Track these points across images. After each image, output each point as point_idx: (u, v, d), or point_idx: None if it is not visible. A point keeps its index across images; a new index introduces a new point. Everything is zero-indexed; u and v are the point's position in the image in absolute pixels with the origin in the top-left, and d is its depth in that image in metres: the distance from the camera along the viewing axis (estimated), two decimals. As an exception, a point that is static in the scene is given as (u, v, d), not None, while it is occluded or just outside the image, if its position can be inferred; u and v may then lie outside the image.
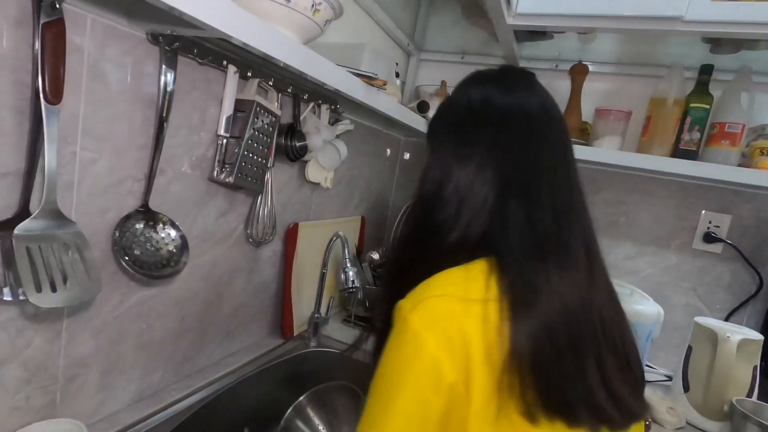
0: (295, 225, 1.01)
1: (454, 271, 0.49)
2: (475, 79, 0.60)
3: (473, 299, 0.45)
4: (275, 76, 0.81)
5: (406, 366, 0.44)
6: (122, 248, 0.60)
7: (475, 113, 0.56)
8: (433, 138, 0.60)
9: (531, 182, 0.53)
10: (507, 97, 0.56)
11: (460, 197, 0.53)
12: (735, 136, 1.07)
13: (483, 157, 0.53)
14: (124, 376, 0.70)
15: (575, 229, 0.51)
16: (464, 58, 1.50)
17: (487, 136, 0.54)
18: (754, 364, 0.94)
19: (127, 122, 0.61)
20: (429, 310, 0.45)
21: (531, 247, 0.49)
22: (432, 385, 0.43)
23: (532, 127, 0.55)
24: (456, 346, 0.43)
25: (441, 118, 0.60)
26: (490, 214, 0.51)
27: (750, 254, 1.20)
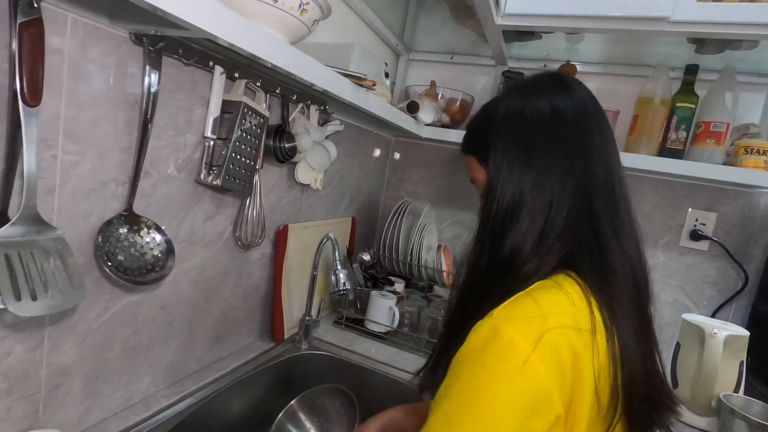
0: (284, 227, 1.00)
1: (554, 293, 0.46)
2: (530, 87, 0.56)
3: (584, 330, 0.44)
4: (263, 77, 0.80)
5: (516, 394, 0.41)
6: (105, 254, 0.58)
7: (546, 124, 0.52)
8: (495, 151, 0.54)
9: (612, 193, 0.51)
10: (572, 102, 0.53)
11: (542, 220, 0.50)
12: (720, 134, 1.09)
13: (561, 173, 0.50)
14: (110, 384, 0.68)
15: (638, 243, 0.53)
16: (453, 59, 1.50)
17: (563, 149, 0.51)
18: (741, 359, 0.96)
19: (111, 124, 0.59)
20: (547, 342, 0.42)
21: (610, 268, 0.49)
22: (542, 416, 0.41)
23: (599, 130, 0.53)
24: (566, 380, 0.42)
25: (502, 129, 0.55)
26: (572, 234, 0.49)
27: (735, 251, 1.22)
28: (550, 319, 0.43)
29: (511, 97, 0.57)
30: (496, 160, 0.54)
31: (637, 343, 0.47)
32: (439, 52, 1.52)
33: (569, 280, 0.48)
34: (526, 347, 0.41)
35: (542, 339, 0.42)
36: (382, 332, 1.18)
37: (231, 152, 0.73)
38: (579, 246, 0.50)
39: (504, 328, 0.43)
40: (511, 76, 1.30)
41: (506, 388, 0.41)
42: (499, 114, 0.56)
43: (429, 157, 1.57)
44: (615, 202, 0.51)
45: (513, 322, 0.43)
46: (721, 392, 0.92)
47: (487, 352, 0.43)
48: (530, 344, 0.41)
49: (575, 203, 0.50)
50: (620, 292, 0.48)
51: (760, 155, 1.04)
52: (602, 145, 0.52)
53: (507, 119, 0.55)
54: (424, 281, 1.39)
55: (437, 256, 1.40)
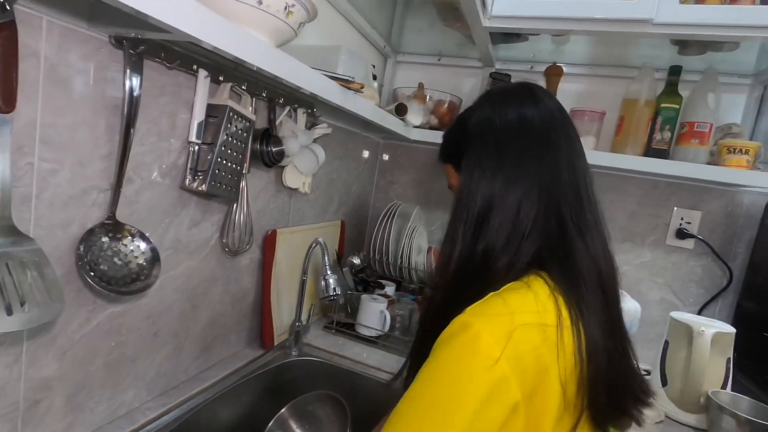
0: (273, 232, 0.98)
1: (522, 293, 0.49)
2: (499, 98, 0.60)
3: (550, 326, 0.47)
4: (249, 80, 0.79)
5: (475, 384, 0.43)
6: (87, 264, 0.56)
7: (514, 133, 0.56)
8: (467, 160, 0.58)
9: (578, 195, 0.54)
10: (539, 112, 0.56)
11: (510, 222, 0.52)
12: (704, 134, 1.10)
13: (529, 180, 0.53)
14: (93, 398, 0.66)
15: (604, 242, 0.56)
16: (441, 60, 1.50)
17: (532, 157, 0.54)
18: (728, 356, 0.97)
19: (90, 130, 0.57)
20: (511, 339, 0.44)
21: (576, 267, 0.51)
22: (498, 404, 0.43)
23: (565, 139, 0.56)
24: (528, 374, 0.44)
25: (473, 139, 0.58)
26: (539, 237, 0.52)
27: (720, 249, 1.24)
28: (516, 317, 0.46)
29: (482, 107, 0.60)
30: (468, 167, 0.57)
31: (603, 338, 0.49)
32: (426, 54, 1.51)
33: (539, 281, 0.51)
34: (490, 341, 0.44)
35: (507, 335, 0.44)
36: (373, 336, 1.17)
37: (216, 157, 0.72)
38: (547, 246, 0.52)
39: (472, 323, 0.46)
40: (499, 77, 1.31)
41: (466, 375, 0.43)
42: (470, 123, 0.60)
43: (418, 159, 1.56)
44: (580, 205, 0.54)
45: (482, 319, 0.46)
46: (710, 389, 0.93)
47: (454, 342, 0.46)
48: (494, 339, 0.44)
49: (542, 206, 0.53)
50: (586, 289, 0.51)
51: (743, 154, 1.06)
52: (568, 151, 0.56)
53: (478, 128, 0.58)
54: (415, 284, 1.39)
55: (427, 259, 1.40)
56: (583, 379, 0.47)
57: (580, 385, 0.47)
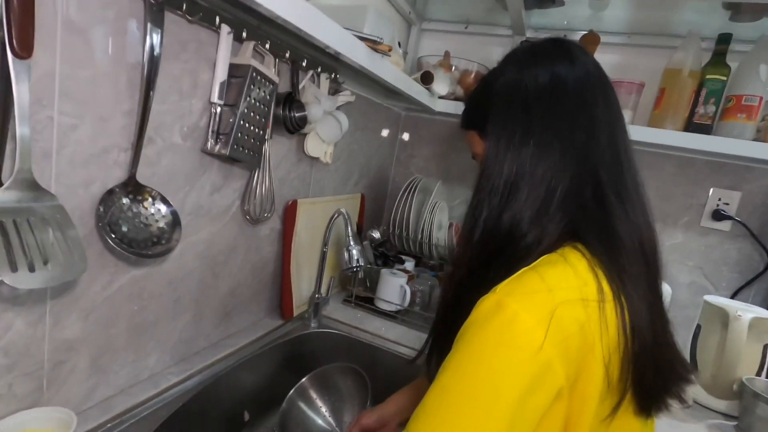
0: (294, 202, 0.96)
1: (560, 267, 0.45)
2: (529, 57, 0.53)
3: (592, 301, 0.43)
4: (272, 40, 0.75)
5: (517, 370, 0.39)
6: (108, 224, 0.55)
7: (546, 96, 0.50)
8: (493, 126, 0.52)
9: (617, 160, 0.50)
10: (575, 71, 0.50)
11: (542, 191, 0.48)
12: (752, 109, 1.03)
13: (563, 145, 0.49)
14: (117, 360, 0.66)
15: (645, 211, 0.51)
16: (468, 28, 1.43)
17: (565, 120, 0.49)
18: (765, 342, 0.93)
19: (111, 85, 0.55)
20: (553, 318, 0.40)
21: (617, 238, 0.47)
22: (543, 391, 0.40)
23: (604, 100, 0.51)
24: (572, 356, 0.41)
25: (499, 103, 0.53)
26: (573, 206, 0.48)
27: (758, 232, 1.17)
28: (556, 294, 0.42)
29: (509, 67, 0.54)
30: (494, 134, 0.52)
31: (648, 312, 0.46)
32: (452, 21, 1.44)
33: (576, 253, 0.46)
34: (530, 322, 0.40)
35: (548, 314, 0.40)
36: (392, 311, 1.15)
37: (239, 119, 0.69)
38: (583, 215, 0.48)
39: (507, 303, 0.41)
40: (530, 46, 1.24)
41: (506, 364, 0.39)
42: (497, 85, 0.54)
43: (440, 132, 1.51)
44: (620, 171, 0.50)
45: (517, 297, 0.42)
46: (744, 376, 0.90)
47: (488, 326, 0.41)
48: (535, 320, 0.40)
49: (577, 172, 0.48)
50: (627, 260, 0.47)
51: (794, 131, 0.99)
52: (606, 112, 0.51)
53: (505, 91, 0.53)
54: (435, 260, 1.36)
55: (448, 235, 1.36)
56: (628, 357, 0.44)
57: (624, 364, 0.44)
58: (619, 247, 0.47)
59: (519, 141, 0.50)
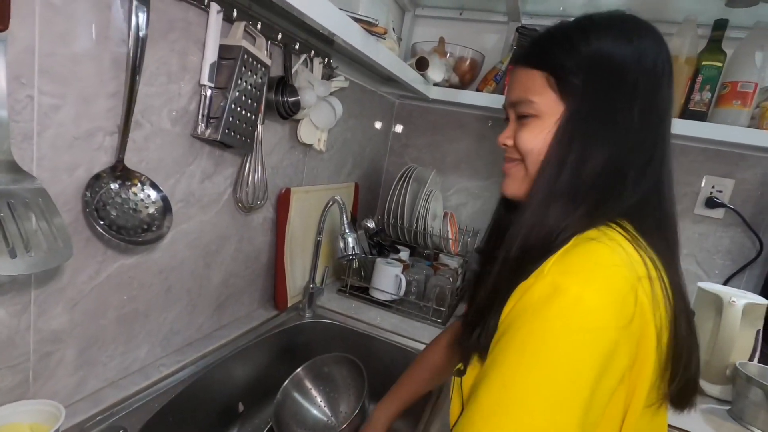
0: (287, 190, 0.94)
1: (606, 243, 0.42)
2: (630, 28, 0.48)
3: (644, 277, 0.41)
4: (263, 21, 0.72)
5: (588, 354, 0.37)
6: (95, 210, 0.52)
7: (651, 77, 0.47)
8: (583, 96, 0.47)
9: (670, 152, 0.50)
10: (664, 53, 0.48)
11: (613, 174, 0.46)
12: (747, 95, 1.03)
13: (654, 130, 0.47)
14: (106, 352, 0.64)
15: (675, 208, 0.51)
16: (462, 14, 1.41)
17: (664, 104, 0.48)
18: (757, 328, 0.94)
19: (95, 63, 0.52)
20: (614, 295, 0.38)
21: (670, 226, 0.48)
22: (611, 375, 0.38)
23: (671, 87, 0.49)
24: (634, 334, 0.39)
25: (593, 72, 0.47)
26: (641, 189, 0.47)
27: (751, 219, 1.18)
28: (615, 271, 0.39)
29: (610, 33, 0.48)
30: (588, 101, 0.47)
31: (683, 297, 0.45)
32: (447, 8, 1.42)
33: (612, 230, 0.44)
34: (595, 301, 0.37)
35: (611, 292, 0.38)
36: (387, 300, 1.14)
37: (230, 103, 0.66)
38: (642, 205, 0.47)
39: (566, 284, 0.38)
40: (526, 32, 1.22)
41: (577, 348, 0.37)
42: (596, 47, 0.47)
43: (435, 121, 1.50)
44: (670, 161, 0.50)
45: (575, 277, 0.39)
46: (737, 360, 0.90)
47: (548, 311, 0.38)
48: (599, 298, 0.37)
49: (649, 164, 0.47)
50: (670, 244, 0.48)
51: (789, 117, 0.99)
52: (671, 103, 0.49)
53: (609, 58, 0.47)
54: (430, 249, 1.35)
55: (443, 224, 1.35)
56: (676, 341, 0.42)
57: (672, 348, 0.42)
58: (670, 237, 0.48)
59: (620, 117, 0.46)
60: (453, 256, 1.35)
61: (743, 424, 0.85)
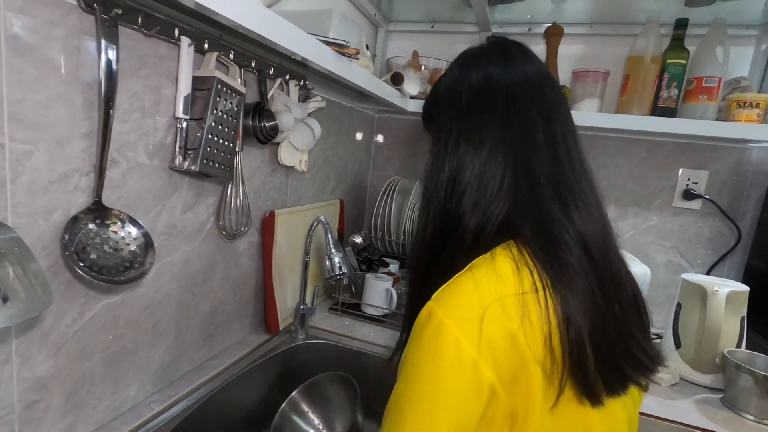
0: (271, 213, 0.94)
1: (485, 264, 0.46)
2: (470, 58, 0.57)
3: (509, 294, 0.44)
4: (236, 50, 0.73)
5: (446, 374, 0.42)
6: (75, 253, 0.52)
7: (479, 95, 0.53)
8: (436, 126, 0.56)
9: (554, 154, 0.51)
10: (508, 72, 0.53)
11: (476, 184, 0.50)
12: (712, 90, 1.06)
13: (494, 141, 0.51)
14: (94, 394, 0.62)
15: (592, 203, 0.51)
16: (434, 27, 1.44)
17: (496, 118, 0.52)
18: (742, 315, 0.96)
19: (66, 106, 0.52)
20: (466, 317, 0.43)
21: (552, 228, 0.48)
22: (473, 389, 0.42)
23: (539, 98, 0.53)
24: (499, 349, 0.42)
25: (440, 104, 0.56)
26: (508, 198, 0.50)
27: (728, 208, 1.22)
28: (480, 297, 0.43)
29: (452, 70, 0.57)
30: (435, 132, 0.56)
31: (589, 299, 0.45)
32: (419, 21, 1.44)
33: (504, 251, 0.48)
34: (453, 330, 0.42)
35: (471, 319, 0.42)
36: (380, 315, 1.14)
37: (207, 133, 0.66)
38: (518, 207, 0.49)
39: (435, 311, 0.44)
40: (497, 41, 1.25)
41: (438, 371, 0.42)
42: (440, 88, 0.58)
43: (415, 132, 1.51)
44: (558, 164, 0.50)
45: (444, 306, 0.44)
46: (725, 349, 0.92)
47: (423, 334, 0.44)
48: (457, 327, 0.42)
49: (509, 166, 0.50)
50: (564, 250, 0.46)
51: (753, 108, 1.03)
52: (542, 109, 0.52)
53: (445, 91, 0.56)
54: (419, 260, 1.36)
55: (430, 234, 1.36)
56: (562, 346, 0.43)
57: (557, 353, 0.43)
58: (554, 240, 0.47)
59: (455, 137, 0.52)
60: (442, 264, 1.35)
61: (736, 411, 0.87)
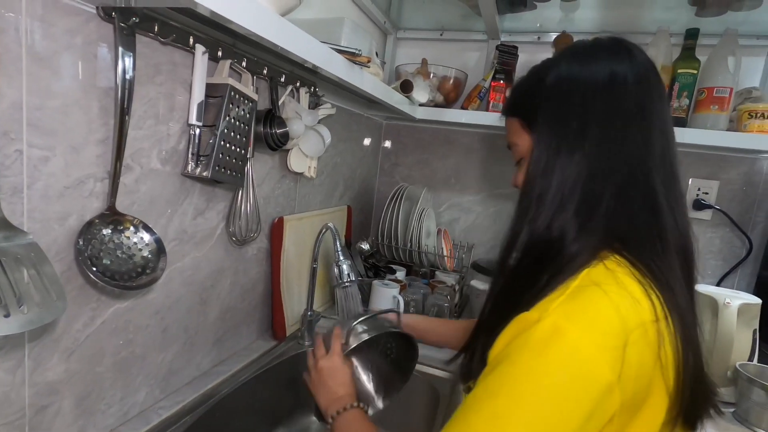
0: (280, 219, 0.94)
1: (613, 287, 0.42)
2: (590, 50, 0.51)
3: (649, 321, 0.42)
4: (248, 57, 0.73)
5: (581, 401, 0.38)
6: (88, 258, 0.52)
7: (607, 91, 0.47)
8: (548, 120, 0.50)
9: (671, 167, 0.48)
10: (634, 67, 0.48)
11: (593, 195, 0.46)
12: (723, 100, 1.06)
13: (617, 145, 0.47)
14: (104, 399, 0.63)
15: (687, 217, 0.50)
16: (443, 35, 1.44)
17: (622, 119, 0.47)
18: (754, 327, 0.94)
19: (83, 113, 0.53)
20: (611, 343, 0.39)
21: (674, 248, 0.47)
22: (600, 413, 0.39)
23: (662, 99, 0.49)
24: (633, 375, 0.40)
25: (557, 95, 0.50)
26: (627, 211, 0.46)
27: (738, 218, 1.20)
28: (613, 322, 0.40)
29: (567, 61, 0.51)
30: (545, 130, 0.50)
31: (693, 321, 0.46)
32: (428, 29, 1.45)
33: (620, 267, 0.44)
34: (593, 351, 0.38)
35: (610, 341, 0.39)
36: (387, 323, 1.13)
37: (219, 140, 0.67)
38: (632, 222, 0.46)
39: (567, 328, 0.39)
40: (506, 50, 1.25)
41: (571, 393, 0.38)
42: (551, 79, 0.51)
43: (423, 139, 1.51)
44: (671, 178, 0.49)
45: (575, 324, 0.39)
46: (737, 362, 0.91)
47: (548, 352, 0.39)
48: (598, 348, 0.38)
49: (629, 176, 0.46)
50: (677, 272, 0.46)
51: (765, 119, 1.02)
52: (661, 116, 0.49)
53: (560, 85, 0.50)
54: (426, 267, 1.35)
55: (437, 241, 1.36)
56: (685, 370, 0.43)
57: (680, 377, 0.43)
58: (671, 260, 0.46)
59: (573, 138, 0.47)
60: (449, 272, 1.35)
61: (749, 425, 0.85)
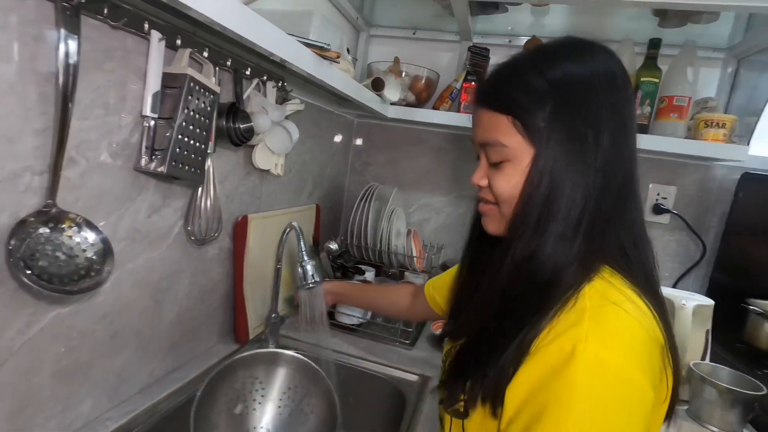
0: (243, 218, 0.90)
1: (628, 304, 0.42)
2: (586, 48, 0.47)
3: (657, 330, 0.43)
4: (210, 47, 0.70)
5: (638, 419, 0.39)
6: (21, 260, 0.47)
7: (605, 89, 0.44)
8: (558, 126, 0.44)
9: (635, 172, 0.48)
10: (619, 65, 0.47)
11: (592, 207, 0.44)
12: (682, 109, 1.10)
13: (631, 148, 0.46)
14: (43, 413, 0.57)
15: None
16: (416, 34, 1.43)
17: (631, 122, 0.46)
18: (707, 328, 0.98)
19: (18, 100, 0.48)
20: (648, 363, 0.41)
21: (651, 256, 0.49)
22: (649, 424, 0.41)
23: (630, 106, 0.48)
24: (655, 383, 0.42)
25: (567, 94, 0.44)
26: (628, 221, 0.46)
27: (693, 223, 1.26)
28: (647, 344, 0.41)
29: (554, 65, 0.45)
30: (555, 138, 0.44)
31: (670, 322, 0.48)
32: (401, 27, 1.44)
33: (615, 279, 0.45)
34: (640, 376, 0.39)
35: (647, 361, 0.41)
36: (354, 325, 1.12)
37: (177, 134, 0.63)
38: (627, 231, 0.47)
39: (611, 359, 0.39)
40: (478, 51, 1.26)
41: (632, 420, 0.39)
42: (555, 75, 0.45)
43: (394, 138, 1.50)
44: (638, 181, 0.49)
45: (619, 354, 0.39)
46: (691, 361, 0.95)
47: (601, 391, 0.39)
48: (642, 373, 0.40)
49: (628, 189, 0.46)
50: (655, 272, 0.49)
51: (720, 128, 1.07)
52: (634, 119, 0.49)
53: (557, 95, 0.44)
54: (395, 268, 1.34)
55: (407, 242, 1.35)
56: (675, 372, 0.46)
57: (675, 379, 0.46)
58: (650, 264, 0.48)
59: (588, 151, 0.44)
60: (419, 273, 1.34)
61: (701, 423, 0.89)
